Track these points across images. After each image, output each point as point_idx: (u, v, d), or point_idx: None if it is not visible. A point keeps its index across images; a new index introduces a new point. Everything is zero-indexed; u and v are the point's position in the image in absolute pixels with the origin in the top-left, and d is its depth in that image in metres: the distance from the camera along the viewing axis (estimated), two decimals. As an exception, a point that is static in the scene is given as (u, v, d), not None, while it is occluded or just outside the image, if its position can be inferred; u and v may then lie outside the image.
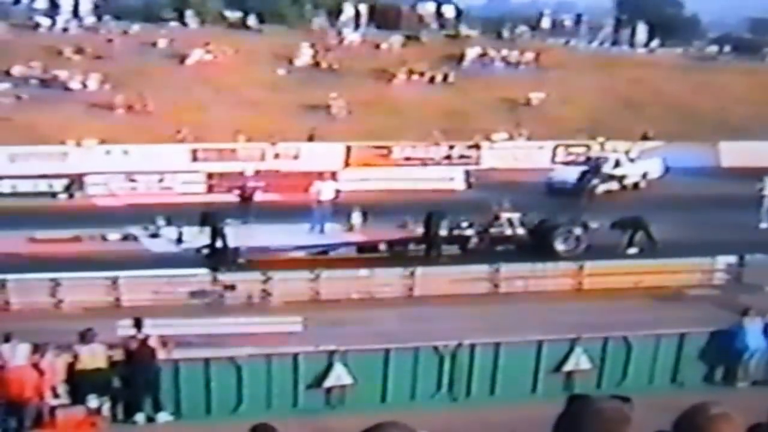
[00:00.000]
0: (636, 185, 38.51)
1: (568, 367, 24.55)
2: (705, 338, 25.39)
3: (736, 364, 25.40)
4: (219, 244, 31.81)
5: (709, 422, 4.07)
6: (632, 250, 33.46)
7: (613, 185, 43.03)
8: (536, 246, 33.36)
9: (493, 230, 33.82)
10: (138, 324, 22.38)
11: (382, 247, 33.26)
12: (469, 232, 33.77)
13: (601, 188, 42.14)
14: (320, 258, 32.39)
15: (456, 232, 33.64)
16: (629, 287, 29.10)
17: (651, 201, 35.49)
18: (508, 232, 33.88)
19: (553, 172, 44.96)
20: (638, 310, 27.30)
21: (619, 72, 56.61)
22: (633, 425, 4.15)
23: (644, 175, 38.84)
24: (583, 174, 43.41)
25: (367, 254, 32.68)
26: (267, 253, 31.99)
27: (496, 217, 33.88)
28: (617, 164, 44.39)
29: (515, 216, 33.94)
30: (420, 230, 33.81)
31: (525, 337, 24.65)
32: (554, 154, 48.69)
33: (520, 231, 33.90)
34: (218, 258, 31.39)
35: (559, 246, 33.47)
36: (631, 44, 63.38)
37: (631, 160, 45.01)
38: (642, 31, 63.30)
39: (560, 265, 30.81)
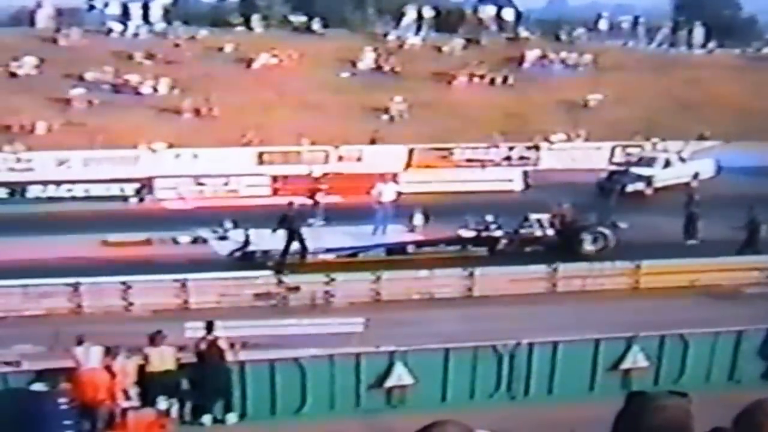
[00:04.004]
0: (687, 185, 38.64)
1: (626, 365, 24.82)
2: (762, 336, 25.60)
3: (794, 361, 25.57)
4: (296, 246, 32.04)
5: None
6: (691, 242, 33.96)
7: (639, 185, 43.02)
8: (565, 246, 33.44)
9: (522, 231, 33.99)
10: (210, 326, 22.79)
11: (411, 248, 33.67)
12: (498, 233, 33.99)
13: (630, 188, 41.99)
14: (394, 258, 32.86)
15: (485, 234, 33.92)
16: (686, 285, 29.36)
17: (705, 199, 35.54)
18: (538, 233, 34.03)
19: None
20: (695, 308, 27.46)
21: (676, 73, 56.24)
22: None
23: (695, 175, 38.96)
24: (611, 174, 43.59)
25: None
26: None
27: (525, 218, 34.04)
28: (667, 164, 44.49)
29: (544, 217, 34.10)
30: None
31: (582, 336, 24.91)
32: (612, 155, 48.81)
33: (550, 232, 33.99)
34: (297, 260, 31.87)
35: (588, 246, 33.59)
36: (689, 46, 62.74)
37: (683, 160, 45.09)
38: (699, 32, 62.64)
39: (617, 264, 30.92)
